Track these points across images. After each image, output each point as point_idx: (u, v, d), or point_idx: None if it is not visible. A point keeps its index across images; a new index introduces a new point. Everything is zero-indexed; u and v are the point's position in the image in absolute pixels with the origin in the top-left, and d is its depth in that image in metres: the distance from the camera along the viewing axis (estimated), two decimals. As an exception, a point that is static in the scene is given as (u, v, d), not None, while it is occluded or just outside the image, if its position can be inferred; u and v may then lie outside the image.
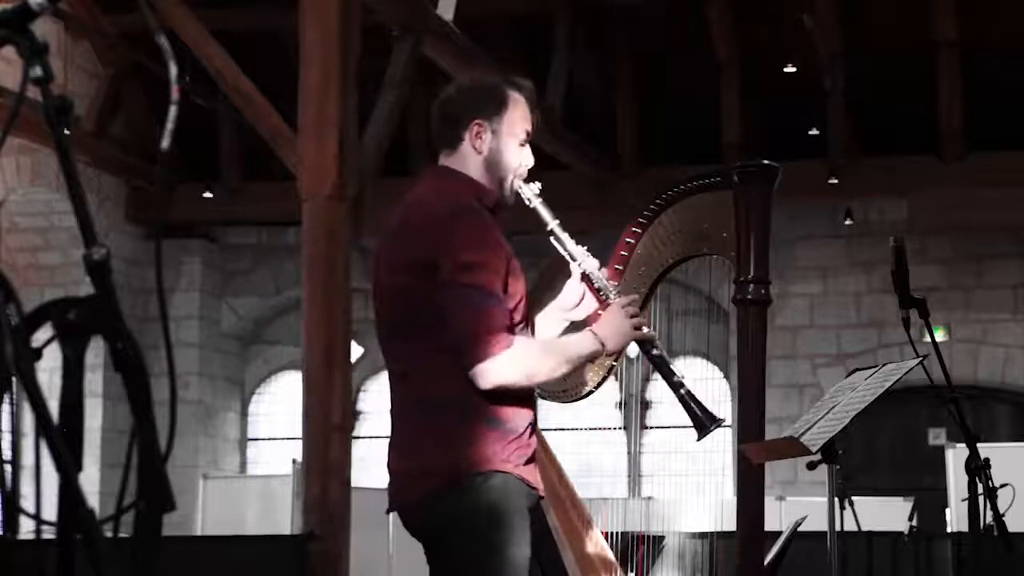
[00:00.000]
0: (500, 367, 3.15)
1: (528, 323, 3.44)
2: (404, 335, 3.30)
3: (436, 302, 3.19)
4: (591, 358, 3.41)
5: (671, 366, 3.47)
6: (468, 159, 3.35)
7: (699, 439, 3.43)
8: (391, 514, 3.44)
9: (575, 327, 3.56)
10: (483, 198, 3.33)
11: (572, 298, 3.55)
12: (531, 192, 3.43)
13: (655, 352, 3.47)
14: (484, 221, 3.26)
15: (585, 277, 3.52)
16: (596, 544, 4.28)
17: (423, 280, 3.20)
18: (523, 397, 3.31)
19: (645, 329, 3.46)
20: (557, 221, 3.49)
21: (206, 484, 10.97)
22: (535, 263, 9.78)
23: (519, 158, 3.38)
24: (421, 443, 3.28)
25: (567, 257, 3.53)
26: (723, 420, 3.42)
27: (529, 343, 3.27)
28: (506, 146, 3.35)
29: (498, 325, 3.16)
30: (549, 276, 10.88)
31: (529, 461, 3.31)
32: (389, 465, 3.36)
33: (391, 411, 3.39)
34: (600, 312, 3.53)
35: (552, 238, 3.50)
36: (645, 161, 12.53)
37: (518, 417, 3.28)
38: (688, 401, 3.44)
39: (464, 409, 3.21)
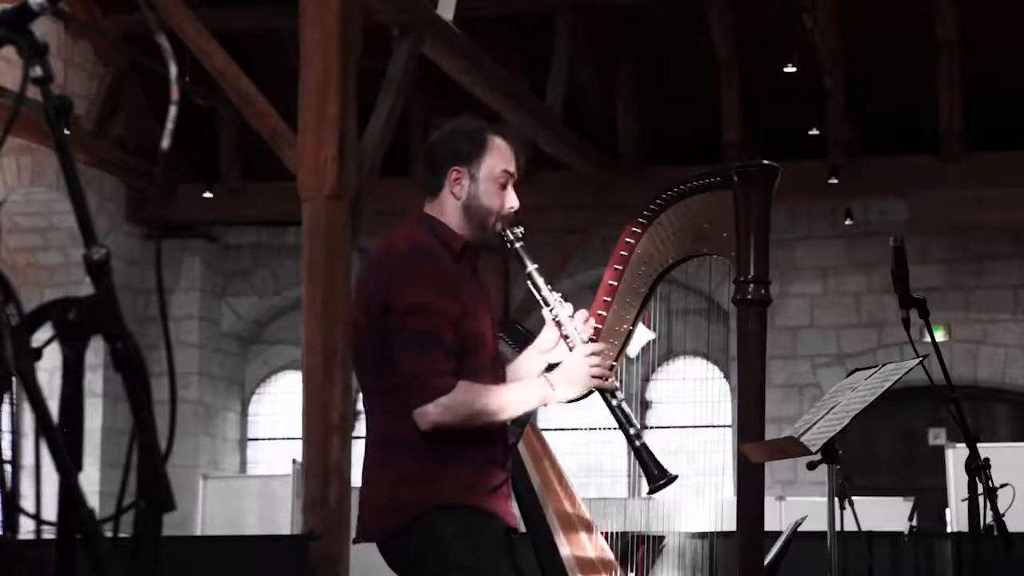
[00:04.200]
0: (438, 410, 3.23)
1: (496, 358, 3.49)
2: (364, 374, 3.43)
3: (385, 343, 3.28)
4: (540, 403, 3.44)
5: (631, 419, 3.46)
6: (447, 205, 3.43)
7: (649, 493, 3.44)
8: None
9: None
10: (450, 243, 3.40)
11: (548, 341, 3.56)
12: (514, 235, 3.47)
13: (615, 402, 3.47)
14: (437, 265, 3.33)
15: (556, 323, 3.52)
16: (596, 544, 4.28)
17: (376, 323, 3.30)
18: (488, 432, 3.35)
19: (608, 384, 3.47)
20: (535, 266, 3.51)
21: (206, 484, 10.97)
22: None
23: (500, 201, 3.44)
24: (380, 480, 3.38)
25: (541, 302, 3.54)
26: (676, 477, 3.40)
27: (471, 387, 3.29)
28: (485, 190, 3.41)
29: (440, 369, 3.24)
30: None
31: (495, 491, 3.36)
32: (360, 498, 3.46)
33: (365, 446, 3.49)
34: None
35: (529, 282, 3.53)
36: (645, 161, 12.53)
37: (479, 450, 3.34)
38: (643, 455, 3.42)
39: (420, 446, 3.28)
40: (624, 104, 12.61)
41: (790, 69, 11.36)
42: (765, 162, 3.96)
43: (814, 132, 12.13)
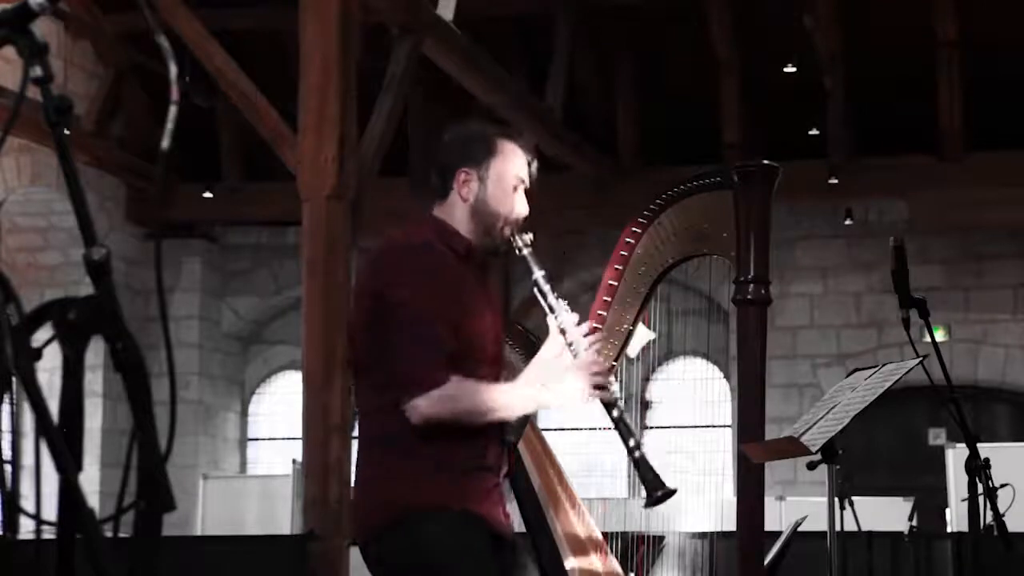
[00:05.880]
0: (428, 403, 3.15)
1: (498, 360, 3.43)
2: (359, 372, 3.37)
3: (379, 336, 3.22)
4: (535, 408, 3.38)
5: (631, 429, 3.39)
6: (455, 207, 3.35)
7: (647, 506, 3.37)
8: None
9: None
10: (452, 241, 3.33)
11: (554, 350, 3.49)
12: (522, 241, 3.40)
13: (615, 413, 3.39)
14: (436, 260, 3.27)
15: (561, 331, 3.45)
16: (596, 544, 4.28)
17: (370, 318, 3.25)
18: (477, 434, 3.27)
19: (607, 396, 3.38)
20: (543, 272, 3.43)
21: (206, 484, 10.98)
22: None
23: (510, 206, 3.36)
24: (367, 480, 3.33)
25: (546, 309, 3.46)
26: (675, 491, 3.34)
27: (464, 384, 3.21)
28: (493, 194, 3.34)
29: (433, 362, 3.17)
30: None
31: (485, 496, 3.27)
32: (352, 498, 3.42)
33: (357, 444, 3.44)
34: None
35: (535, 289, 3.45)
36: (645, 161, 12.53)
37: (470, 454, 3.26)
38: (641, 466, 3.36)
39: (408, 447, 3.22)
40: (624, 104, 12.62)
41: (790, 69, 11.36)
42: (765, 162, 3.96)
43: (814, 132, 12.13)
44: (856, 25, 11.59)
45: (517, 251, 3.41)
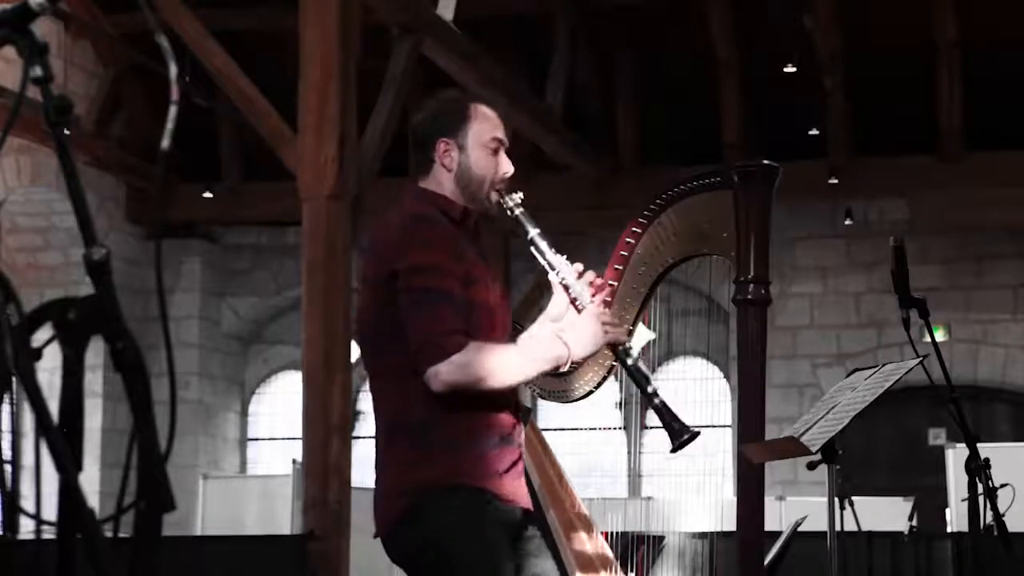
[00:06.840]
0: (450, 368, 3.12)
1: (505, 328, 3.41)
2: (371, 353, 3.35)
3: (393, 314, 3.20)
4: (555, 362, 3.32)
5: (647, 376, 3.39)
6: (441, 178, 3.37)
7: (672, 451, 3.36)
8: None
9: None
10: (448, 210, 3.33)
11: (559, 307, 3.49)
12: (512, 201, 3.41)
13: (630, 362, 3.40)
14: (438, 228, 3.27)
15: (564, 287, 3.45)
16: (596, 545, 4.28)
17: (381, 295, 3.24)
18: (492, 409, 3.25)
19: (621, 337, 3.40)
20: (538, 230, 3.43)
21: (206, 484, 10.97)
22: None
23: (493, 167, 3.37)
24: (387, 465, 3.29)
25: (546, 267, 3.46)
26: (698, 432, 3.33)
27: (484, 345, 3.18)
28: (475, 158, 3.35)
29: (452, 326, 3.14)
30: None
31: (506, 473, 3.25)
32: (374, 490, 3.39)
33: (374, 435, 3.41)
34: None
35: (532, 247, 3.45)
36: (645, 161, 12.53)
37: (486, 431, 3.23)
38: (662, 412, 3.35)
39: (425, 429, 3.20)
40: (624, 104, 12.62)
41: (790, 69, 11.36)
42: (765, 162, 3.97)
43: (814, 132, 12.13)
44: (856, 25, 11.59)
45: (508, 212, 3.41)
